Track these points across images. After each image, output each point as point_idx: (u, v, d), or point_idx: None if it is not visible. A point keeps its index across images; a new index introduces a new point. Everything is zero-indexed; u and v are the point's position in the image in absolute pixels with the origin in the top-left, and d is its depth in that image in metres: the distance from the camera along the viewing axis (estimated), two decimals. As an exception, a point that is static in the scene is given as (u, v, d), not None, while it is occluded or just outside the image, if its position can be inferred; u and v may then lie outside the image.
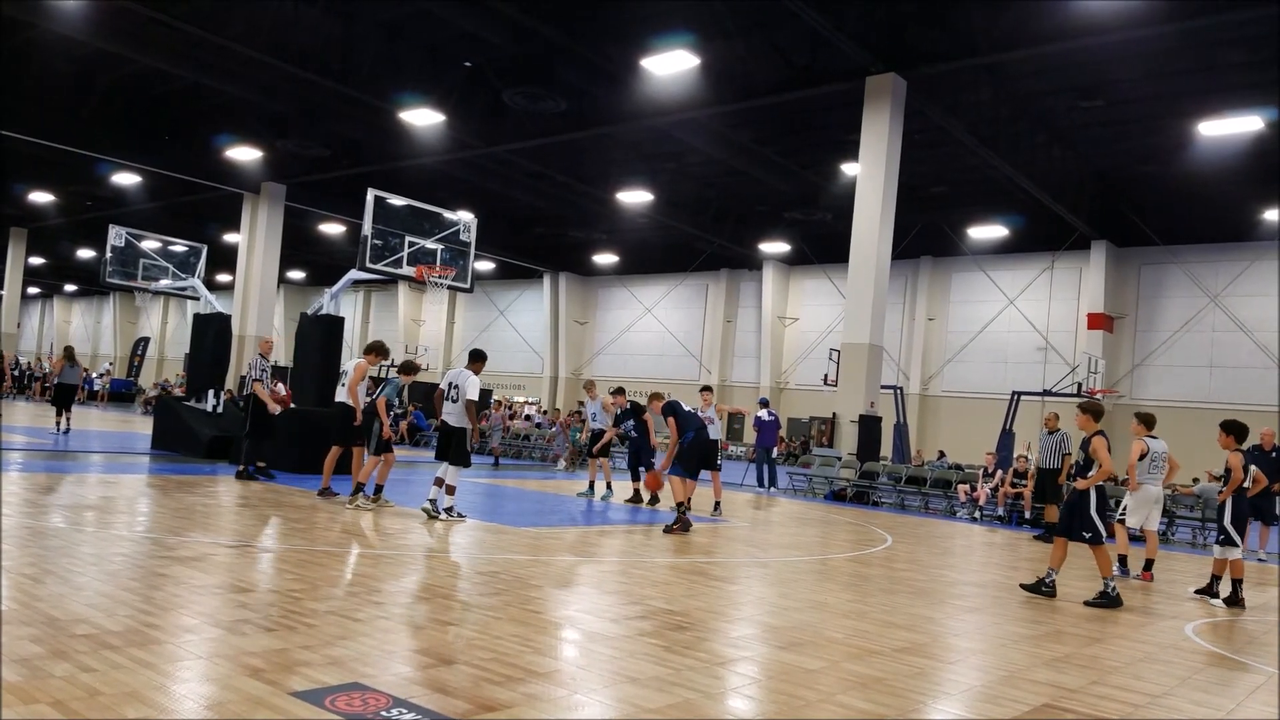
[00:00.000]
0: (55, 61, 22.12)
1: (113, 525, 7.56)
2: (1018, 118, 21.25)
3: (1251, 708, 4.78)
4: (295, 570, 6.22)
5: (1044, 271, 30.94)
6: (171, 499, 9.49)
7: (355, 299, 50.06)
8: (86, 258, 45.68)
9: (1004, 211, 27.89)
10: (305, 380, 14.52)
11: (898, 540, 11.33)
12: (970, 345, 32.57)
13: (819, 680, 4.53)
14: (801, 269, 36.47)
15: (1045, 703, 4.45)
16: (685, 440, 10.29)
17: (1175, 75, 18.72)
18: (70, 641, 4.07)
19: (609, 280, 42.30)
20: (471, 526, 9.31)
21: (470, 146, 24.21)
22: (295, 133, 25.70)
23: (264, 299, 30.67)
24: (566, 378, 42.06)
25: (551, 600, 6.02)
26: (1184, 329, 28.61)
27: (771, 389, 35.65)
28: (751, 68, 18.85)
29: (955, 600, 7.33)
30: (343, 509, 9.61)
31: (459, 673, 4.14)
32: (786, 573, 8.17)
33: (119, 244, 17.44)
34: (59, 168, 30.00)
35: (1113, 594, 7.44)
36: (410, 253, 13.72)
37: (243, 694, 3.58)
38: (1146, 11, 15.31)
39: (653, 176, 27.82)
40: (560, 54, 19.49)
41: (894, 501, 17.13)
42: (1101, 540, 7.56)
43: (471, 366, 9.72)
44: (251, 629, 4.55)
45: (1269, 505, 12.19)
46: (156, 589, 5.28)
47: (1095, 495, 7.59)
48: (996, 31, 16.53)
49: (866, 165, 18.57)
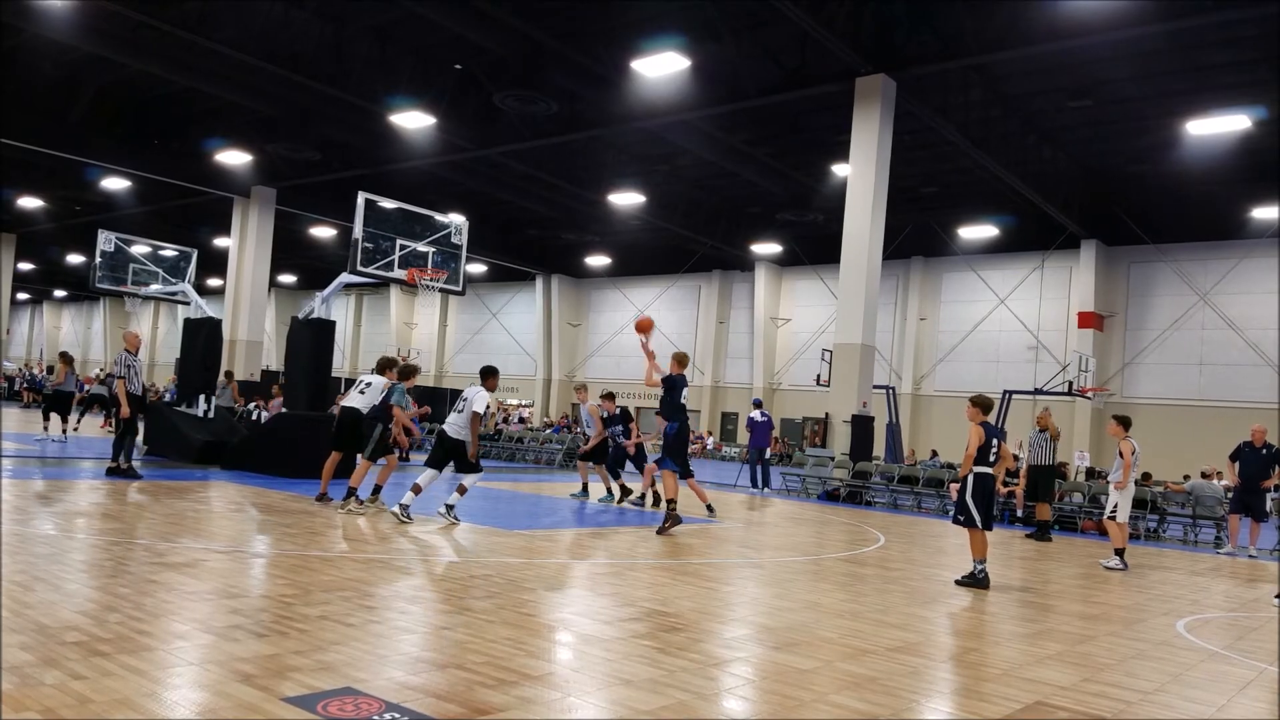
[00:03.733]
0: (44, 66, 22.04)
1: (103, 531, 7.53)
2: (1007, 118, 21.34)
3: (1242, 704, 4.80)
4: (287, 575, 6.20)
5: (1034, 271, 31.06)
6: (162, 504, 9.45)
7: (347, 303, 49.97)
8: (76, 263, 45.51)
9: (994, 211, 28.00)
10: (297, 385, 14.48)
11: (891, 540, 11.35)
12: (961, 345, 32.67)
13: (813, 680, 4.53)
14: (793, 270, 36.54)
15: (1037, 700, 4.46)
16: (670, 430, 10.31)
17: (1163, 75, 18.83)
18: (61, 649, 4.05)
19: (601, 282, 42.31)
20: (465, 530, 9.29)
21: (461, 149, 24.20)
22: (286, 136, 25.67)
23: (255, 303, 30.60)
24: (560, 380, 42.04)
25: (545, 603, 6.02)
26: (1173, 327, 28.75)
27: (764, 390, 35.70)
28: (742, 70, 18.89)
29: (948, 599, 7.35)
30: (336, 513, 9.60)
31: (452, 676, 4.13)
32: (780, 573, 8.18)
33: (108, 249, 17.35)
34: (48, 173, 29.92)
35: (980, 576, 7.92)
36: (402, 256, 13.70)
37: (235, 700, 3.57)
38: (1134, 12, 15.39)
39: (644, 178, 27.86)
40: (551, 57, 19.51)
41: (887, 501, 17.17)
42: (976, 525, 7.96)
43: (485, 384, 9.74)
44: (243, 634, 4.54)
45: (1259, 502, 12.25)
46: (147, 595, 5.26)
47: (973, 482, 8.05)
48: (985, 32, 16.60)
49: (857, 166, 18.61)
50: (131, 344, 11.86)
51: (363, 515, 9.59)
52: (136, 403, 11.79)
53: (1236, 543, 12.77)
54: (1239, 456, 12.39)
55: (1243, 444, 12.42)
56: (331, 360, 15.46)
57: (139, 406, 12.06)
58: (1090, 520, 14.45)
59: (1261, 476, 12.01)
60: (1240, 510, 12.40)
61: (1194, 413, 27.74)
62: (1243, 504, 12.30)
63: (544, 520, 10.91)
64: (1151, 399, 28.68)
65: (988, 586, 7.83)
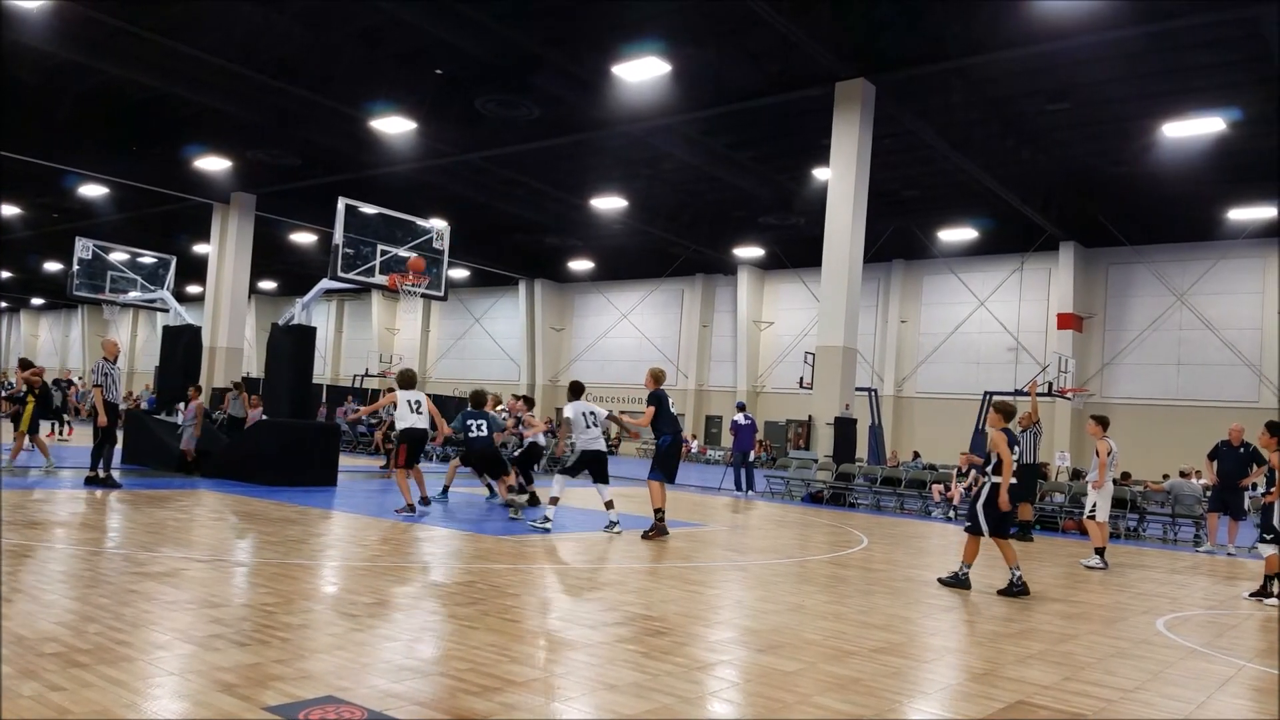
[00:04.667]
0: (21, 72, 21.80)
1: (82, 541, 7.45)
2: (987, 121, 21.49)
3: (1222, 700, 4.85)
4: (268, 584, 6.16)
5: (1014, 273, 31.30)
6: (142, 513, 9.37)
7: (328, 308, 49.71)
8: (53, 270, 45.07)
9: (974, 214, 28.19)
10: (278, 392, 14.38)
11: (874, 541, 11.39)
12: (942, 347, 32.87)
13: (797, 682, 4.55)
14: (776, 273, 36.66)
15: (1019, 700, 4.49)
16: (663, 443, 10.31)
17: (1140, 78, 19.02)
18: (39, 660, 4.00)
19: (585, 286, 42.30)
20: (447, 535, 9.26)
21: (443, 154, 24.14)
22: (265, 142, 25.51)
23: (235, 310, 30.40)
24: (544, 384, 41.98)
25: (528, 608, 6.00)
26: (1151, 328, 29.04)
27: (748, 392, 35.77)
28: (723, 74, 18.94)
29: (931, 600, 7.39)
30: None
31: (435, 684, 4.11)
32: (764, 576, 8.19)
33: (86, 256, 17.18)
34: (25, 180, 29.58)
35: (963, 577, 7.91)
36: (383, 261, 13.64)
37: (216, 709, 3.54)
38: (1112, 15, 15.55)
39: (627, 183, 27.87)
40: (533, 61, 19.48)
41: (870, 503, 17.24)
42: (981, 534, 7.83)
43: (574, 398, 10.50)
44: (224, 644, 4.50)
45: (1237, 500, 12.37)
46: (127, 605, 5.21)
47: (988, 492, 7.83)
48: (965, 36, 16.73)
49: (838, 170, 18.70)
50: (110, 352, 11.81)
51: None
52: (114, 411, 11.71)
53: (1215, 541, 12.90)
54: (1217, 455, 12.52)
55: (1221, 443, 12.55)
56: (313, 367, 15.37)
57: (117, 415, 11.99)
58: (1071, 520, 14.55)
59: (1239, 475, 12.12)
60: (1219, 509, 12.53)
61: (1172, 412, 28.02)
62: (1221, 502, 12.42)
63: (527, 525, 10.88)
64: (1130, 399, 28.95)
65: (969, 587, 7.86)
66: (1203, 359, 28.03)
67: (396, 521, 10.05)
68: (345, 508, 11.26)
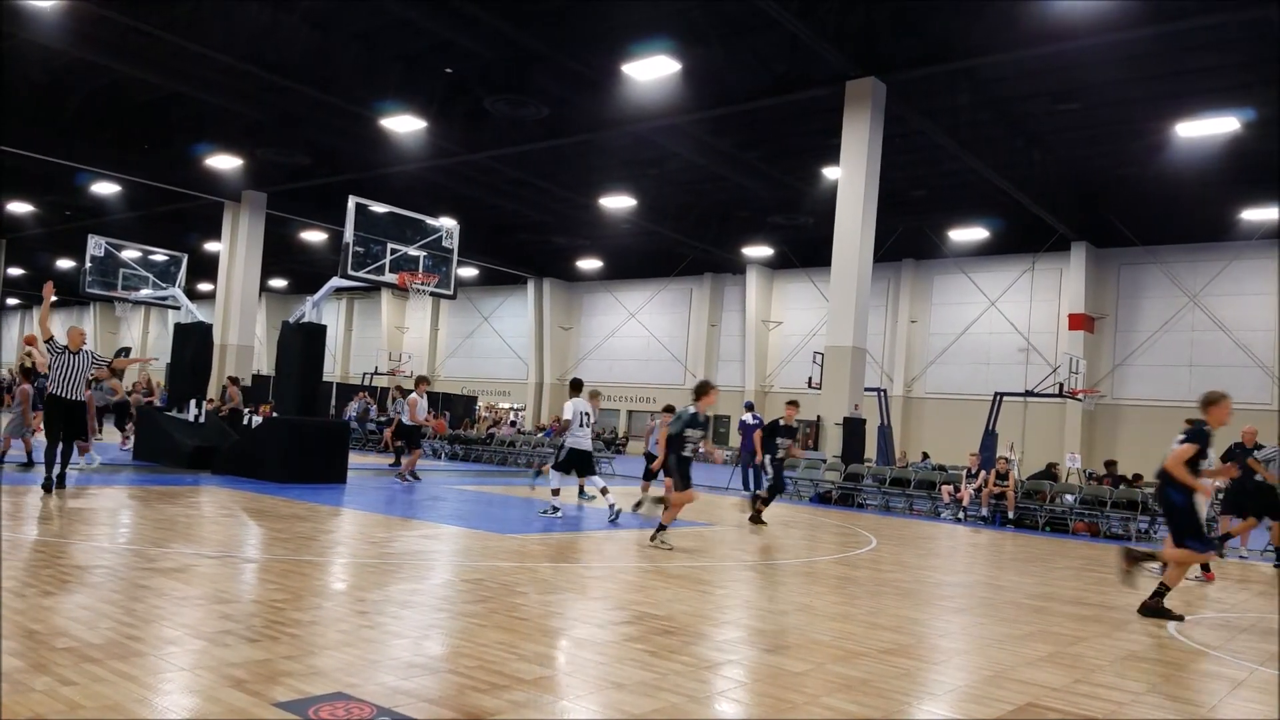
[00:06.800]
0: (33, 71, 21.95)
1: (93, 537, 7.49)
2: (996, 121, 21.42)
3: (1233, 704, 4.82)
4: (278, 580, 6.18)
5: (1024, 273, 31.17)
6: (153, 510, 9.41)
7: (338, 307, 49.84)
8: (66, 268, 45.29)
9: (984, 214, 28.09)
10: (287, 389, 14.43)
11: (883, 542, 11.37)
12: (952, 347, 32.75)
13: (805, 683, 4.54)
14: (785, 273, 36.59)
15: (1029, 702, 4.48)
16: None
17: (1151, 78, 18.92)
18: (51, 655, 4.03)
19: (593, 286, 42.31)
20: (456, 533, 9.28)
21: (452, 153, 24.18)
22: (275, 141, 25.61)
23: (245, 308, 30.52)
24: (551, 383, 42.02)
25: (537, 607, 6.01)
26: (1164, 329, 28.87)
27: (756, 392, 35.71)
28: (732, 74, 18.93)
29: (940, 601, 7.37)
30: None
31: (444, 681, 4.12)
32: (772, 576, 8.18)
33: (98, 254, 17.28)
34: (37, 178, 29.77)
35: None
36: (393, 260, 13.68)
37: (226, 705, 3.55)
38: (1122, 15, 15.47)
39: (635, 182, 27.86)
40: (541, 61, 19.51)
41: (879, 503, 17.19)
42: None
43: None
44: (234, 640, 4.52)
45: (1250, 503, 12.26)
46: (138, 601, 5.23)
47: None
48: (974, 36, 16.67)
49: (847, 169, 18.66)
50: (74, 342, 10.31)
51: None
52: (56, 404, 10.17)
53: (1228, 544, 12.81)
54: (1231, 457, 12.44)
55: (1234, 445, 12.47)
56: (323, 365, 15.42)
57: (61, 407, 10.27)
58: (1081, 522, 14.50)
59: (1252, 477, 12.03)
60: (1232, 511, 12.45)
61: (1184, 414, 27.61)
62: (1234, 505, 12.34)
63: (535, 524, 10.89)
64: (1142, 400, 28.80)
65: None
66: (1215, 360, 27.84)
67: (410, 519, 10.06)
68: (355, 505, 11.29)
